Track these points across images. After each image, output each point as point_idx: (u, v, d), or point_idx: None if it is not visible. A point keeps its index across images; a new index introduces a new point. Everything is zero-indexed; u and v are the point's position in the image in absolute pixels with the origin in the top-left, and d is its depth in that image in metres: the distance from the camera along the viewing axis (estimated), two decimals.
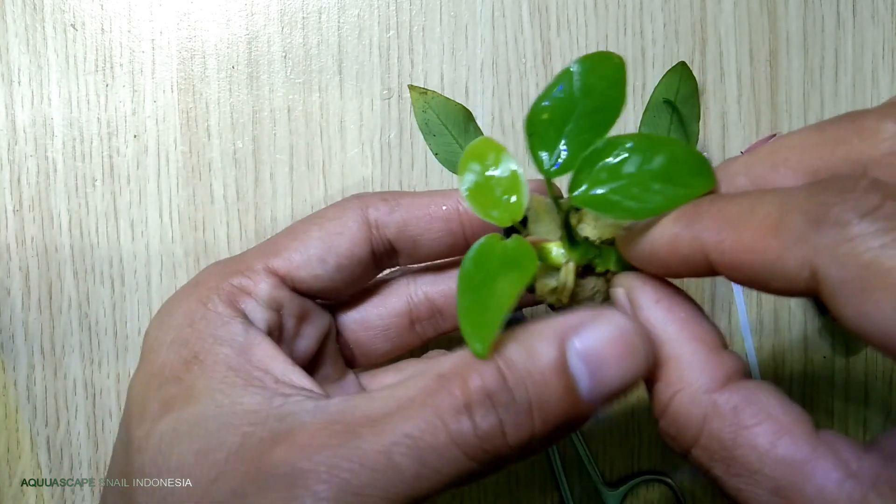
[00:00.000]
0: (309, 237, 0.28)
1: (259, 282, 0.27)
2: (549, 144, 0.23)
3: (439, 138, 0.38)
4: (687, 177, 0.22)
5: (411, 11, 0.40)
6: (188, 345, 0.26)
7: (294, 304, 0.28)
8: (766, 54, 0.41)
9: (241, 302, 0.27)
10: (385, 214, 0.29)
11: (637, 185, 0.22)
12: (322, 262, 0.28)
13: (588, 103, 0.23)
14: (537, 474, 0.41)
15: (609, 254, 0.25)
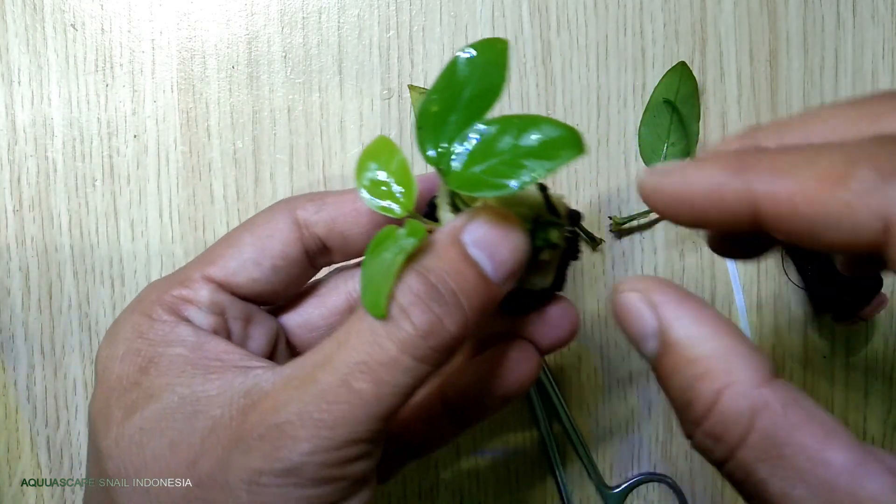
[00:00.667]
0: (242, 243, 0.29)
1: (198, 290, 0.28)
2: (436, 136, 0.25)
3: None
4: (557, 150, 0.23)
5: (411, 11, 0.40)
6: (141, 353, 0.27)
7: (236, 308, 0.29)
8: (766, 54, 0.41)
9: (184, 310, 0.28)
10: (313, 213, 0.29)
11: (507, 164, 0.24)
12: (257, 265, 0.29)
13: (472, 90, 0.25)
14: (537, 474, 0.41)
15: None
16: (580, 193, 0.41)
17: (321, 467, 0.23)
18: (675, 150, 0.40)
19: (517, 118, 0.24)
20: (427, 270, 0.24)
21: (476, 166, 0.24)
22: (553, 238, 0.26)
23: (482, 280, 0.25)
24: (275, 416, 0.24)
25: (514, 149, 0.24)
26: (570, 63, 0.40)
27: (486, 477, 0.41)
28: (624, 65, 0.41)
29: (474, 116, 0.25)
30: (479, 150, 0.24)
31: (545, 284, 0.28)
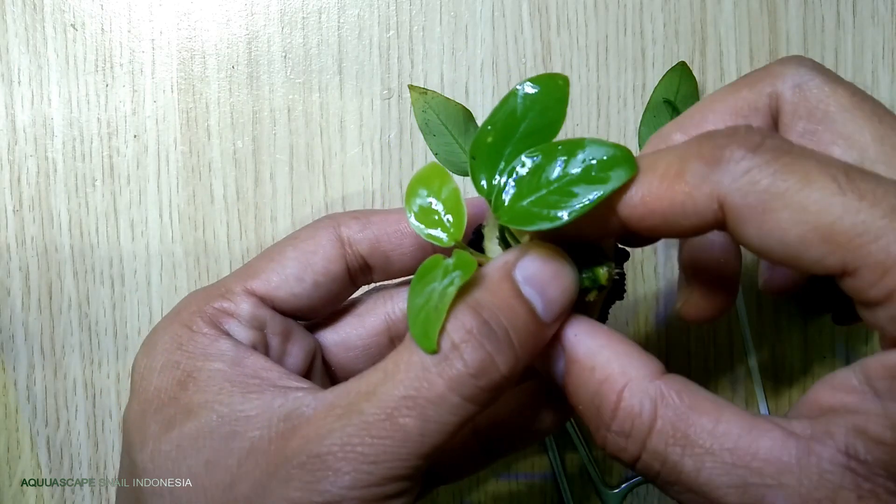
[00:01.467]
0: (285, 257, 0.29)
1: (240, 303, 0.28)
2: (490, 167, 0.25)
3: (439, 138, 0.38)
4: (606, 171, 0.23)
5: (411, 11, 0.40)
6: (179, 366, 0.26)
7: (276, 323, 0.29)
8: (766, 54, 0.41)
9: (225, 323, 0.28)
10: (357, 232, 0.30)
11: (556, 193, 0.23)
12: (299, 280, 0.29)
13: (530, 124, 0.25)
14: (537, 474, 0.41)
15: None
16: None
17: (360, 502, 0.23)
18: None
19: (563, 143, 0.24)
20: (480, 306, 0.24)
21: (525, 199, 0.24)
22: (601, 278, 0.26)
23: (533, 318, 0.24)
24: (317, 445, 0.23)
25: (562, 177, 0.23)
26: (570, 63, 0.40)
27: (485, 477, 0.41)
28: (624, 65, 0.41)
29: (523, 143, 0.24)
30: (528, 181, 0.24)
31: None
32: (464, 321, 0.23)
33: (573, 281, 0.25)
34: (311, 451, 0.23)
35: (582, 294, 0.26)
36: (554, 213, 0.23)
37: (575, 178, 0.23)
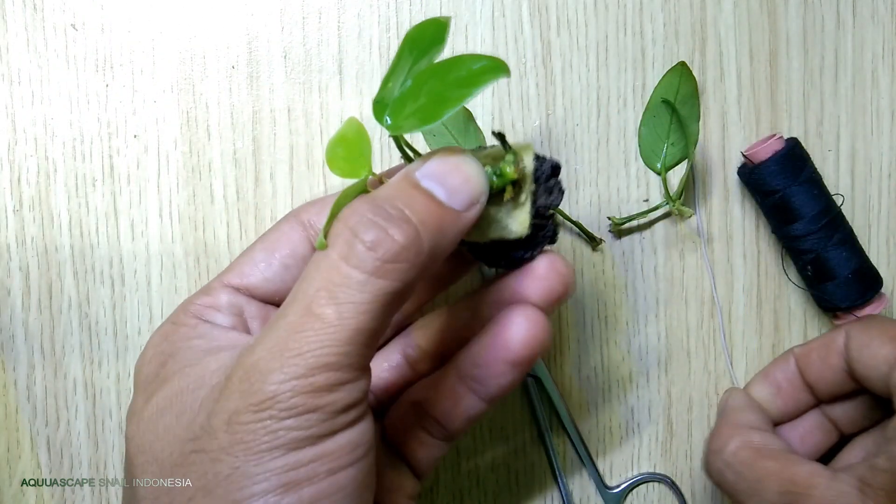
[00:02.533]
0: (253, 250, 0.32)
1: (218, 296, 0.31)
2: (382, 100, 0.27)
3: (439, 138, 0.39)
4: (480, 76, 0.25)
5: (411, 11, 0.40)
6: (163, 353, 0.29)
7: (254, 308, 0.31)
8: (766, 54, 0.41)
9: (206, 315, 0.30)
10: (315, 213, 0.32)
11: (435, 99, 0.25)
12: (268, 265, 0.31)
13: (415, 55, 0.27)
14: (537, 474, 0.41)
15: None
16: (580, 193, 0.41)
17: (294, 395, 0.24)
18: (674, 151, 0.40)
19: (445, 61, 0.26)
20: (376, 197, 0.26)
21: (408, 109, 0.26)
22: (507, 173, 0.27)
23: (435, 203, 0.26)
24: (250, 356, 0.25)
25: (441, 86, 0.26)
26: (570, 63, 0.40)
27: (486, 477, 0.41)
28: (624, 65, 0.41)
29: (413, 72, 0.26)
30: (411, 93, 0.26)
31: (521, 231, 0.28)
32: (358, 209, 0.26)
33: (476, 170, 0.26)
34: (246, 364, 0.25)
35: (499, 195, 0.28)
36: (432, 113, 0.25)
37: (451, 83, 0.25)
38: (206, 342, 0.29)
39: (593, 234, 0.40)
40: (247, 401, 0.24)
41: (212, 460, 0.24)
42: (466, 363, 0.31)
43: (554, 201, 0.29)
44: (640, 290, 0.41)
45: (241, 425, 0.24)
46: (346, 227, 0.25)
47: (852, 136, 0.41)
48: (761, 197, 0.39)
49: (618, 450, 0.41)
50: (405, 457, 0.32)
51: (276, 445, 0.24)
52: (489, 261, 0.30)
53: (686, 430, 0.41)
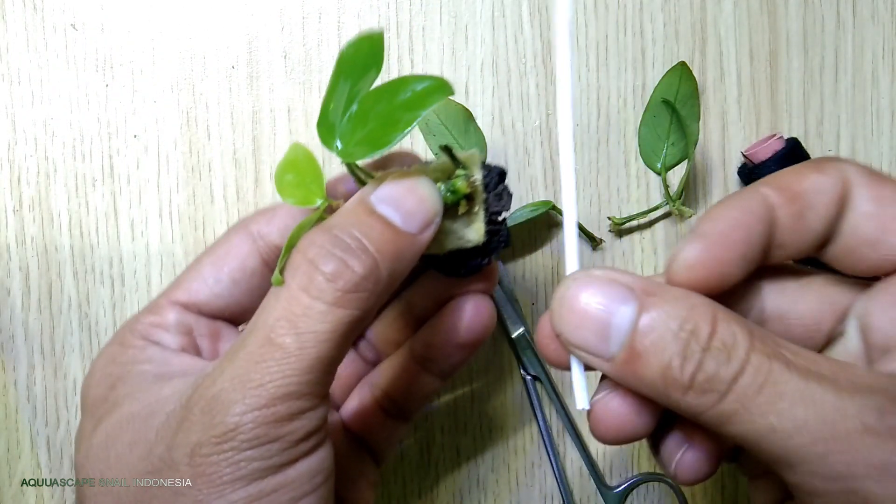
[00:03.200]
0: (201, 265, 0.31)
1: (166, 314, 0.30)
2: (327, 125, 0.27)
3: (439, 138, 0.39)
4: (426, 98, 0.25)
5: (411, 11, 0.40)
6: (112, 375, 0.28)
7: (203, 325, 0.30)
8: (766, 54, 0.41)
9: (154, 335, 0.30)
10: (265, 225, 0.31)
11: (383, 124, 0.26)
12: (217, 281, 0.30)
13: (354, 78, 0.27)
14: (537, 475, 0.41)
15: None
16: (580, 193, 0.41)
17: (256, 426, 0.24)
18: (674, 151, 0.40)
19: (388, 84, 0.26)
20: (331, 226, 0.26)
21: (357, 134, 0.26)
22: (459, 187, 0.28)
23: (391, 229, 0.26)
24: (211, 388, 0.25)
25: (388, 109, 0.26)
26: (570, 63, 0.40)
27: (486, 477, 0.41)
28: (624, 65, 0.41)
29: (356, 97, 0.27)
30: (359, 118, 0.26)
31: (478, 239, 0.29)
32: (315, 240, 0.26)
33: (429, 191, 0.27)
34: (206, 396, 0.24)
35: (454, 209, 0.29)
36: (382, 138, 0.25)
37: (398, 106, 0.25)
38: (156, 367, 0.28)
39: (593, 234, 0.40)
40: (209, 433, 0.24)
41: (174, 494, 0.24)
42: (419, 345, 0.33)
43: (504, 206, 0.30)
44: None
45: (203, 457, 0.24)
46: (305, 259, 0.25)
47: (852, 136, 0.41)
48: None
49: (618, 450, 0.41)
50: (367, 441, 0.34)
51: (238, 477, 0.24)
52: (446, 271, 0.31)
53: None
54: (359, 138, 0.26)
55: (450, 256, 0.30)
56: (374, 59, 0.26)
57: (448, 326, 0.32)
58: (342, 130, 0.27)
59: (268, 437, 0.24)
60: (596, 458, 0.41)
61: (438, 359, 0.33)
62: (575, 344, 0.25)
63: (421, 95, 0.25)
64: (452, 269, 0.31)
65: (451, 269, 0.31)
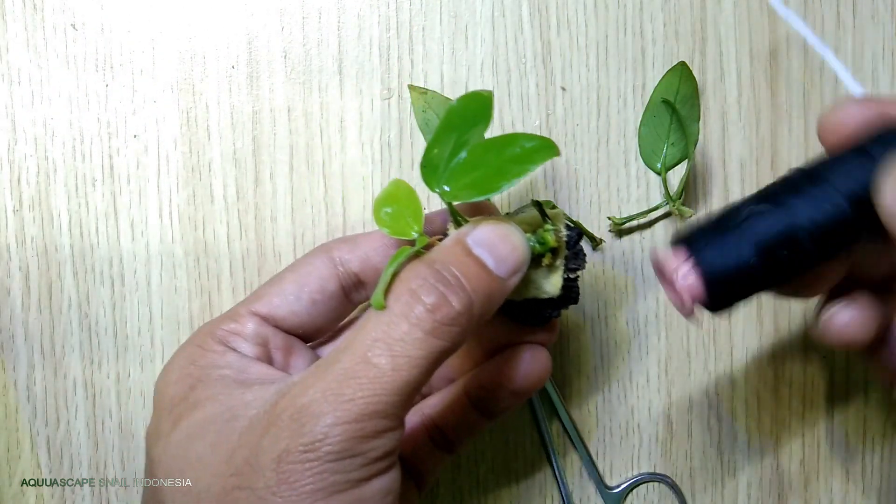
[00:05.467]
0: (283, 281, 0.32)
1: (245, 323, 0.31)
2: (434, 168, 0.29)
3: None
4: (534, 155, 0.28)
5: (411, 11, 0.40)
6: (192, 376, 0.30)
7: (279, 339, 0.32)
8: (766, 54, 0.41)
9: (232, 341, 0.31)
10: (346, 252, 0.33)
11: (492, 172, 0.28)
12: (297, 299, 0.32)
13: (462, 129, 0.29)
14: (537, 474, 0.41)
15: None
16: (580, 193, 0.41)
17: (343, 440, 0.25)
18: (674, 151, 0.40)
19: (499, 138, 0.29)
20: (432, 261, 0.28)
21: (465, 179, 0.28)
22: (548, 240, 0.30)
23: (485, 271, 0.28)
24: (301, 398, 0.25)
25: (497, 160, 0.28)
26: (570, 63, 0.40)
27: (485, 477, 0.41)
28: (624, 65, 0.41)
29: (464, 145, 0.29)
30: (469, 165, 0.29)
31: (554, 292, 0.31)
32: (418, 272, 0.27)
33: (521, 240, 0.29)
34: (296, 405, 0.25)
35: (538, 259, 0.30)
36: (490, 185, 0.28)
37: (507, 159, 0.28)
38: (235, 372, 0.29)
39: (593, 234, 0.40)
40: (297, 441, 0.25)
41: (258, 498, 0.25)
42: (474, 385, 0.34)
43: (580, 265, 0.32)
44: (640, 290, 0.41)
45: (289, 465, 0.25)
46: (408, 288, 0.27)
47: None
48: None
49: (618, 450, 0.41)
50: (412, 467, 0.35)
51: (319, 487, 0.25)
52: (518, 318, 0.32)
53: (686, 430, 0.41)
54: (466, 182, 0.28)
55: (524, 304, 0.32)
56: (483, 115, 0.29)
57: (505, 372, 0.33)
58: (450, 174, 0.29)
59: (352, 451, 0.25)
60: (596, 458, 0.41)
61: (489, 400, 0.34)
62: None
63: (529, 153, 0.28)
64: (523, 316, 0.32)
65: (522, 316, 0.32)
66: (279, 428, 0.25)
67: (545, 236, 0.30)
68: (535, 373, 0.33)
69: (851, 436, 0.41)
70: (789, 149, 0.41)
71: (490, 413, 0.34)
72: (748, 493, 0.41)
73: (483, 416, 0.34)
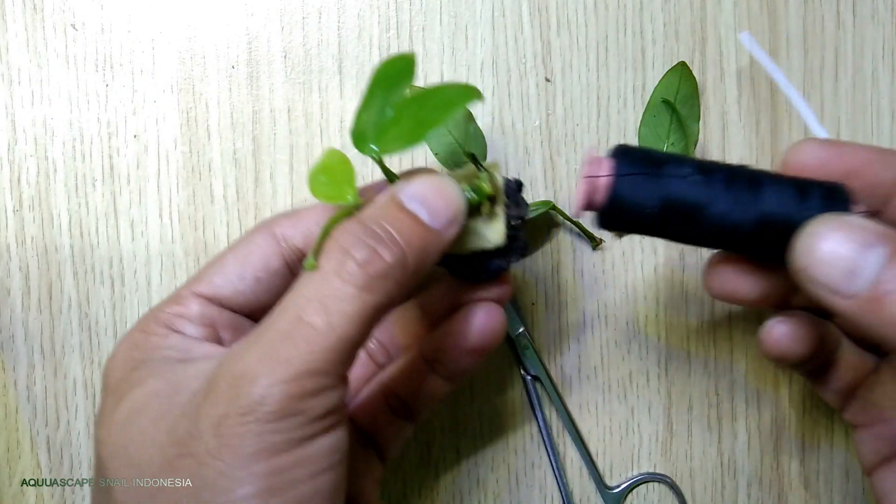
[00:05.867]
0: (225, 260, 0.32)
1: (189, 305, 0.31)
2: (362, 128, 0.29)
3: (439, 138, 0.38)
4: (455, 100, 0.28)
5: (411, 11, 0.40)
6: (134, 359, 0.29)
7: (226, 319, 0.31)
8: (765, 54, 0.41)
9: (177, 324, 0.30)
10: (289, 228, 0.32)
11: (415, 123, 0.28)
12: (240, 278, 0.31)
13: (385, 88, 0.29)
14: (537, 475, 0.41)
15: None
16: None
17: (281, 399, 0.25)
18: (675, 150, 0.40)
19: (422, 91, 0.29)
20: (364, 218, 0.28)
21: (391, 134, 0.28)
22: (484, 188, 0.30)
23: (418, 224, 0.28)
24: (238, 363, 0.25)
25: (421, 111, 0.28)
26: (570, 63, 0.40)
27: (485, 477, 0.41)
28: (624, 65, 0.41)
29: (388, 103, 0.29)
30: (394, 122, 0.29)
31: (498, 240, 0.31)
32: (349, 229, 0.27)
33: (455, 191, 0.29)
34: (233, 371, 0.25)
35: (477, 209, 0.31)
36: (414, 134, 0.28)
37: (429, 108, 0.28)
38: (179, 353, 0.29)
39: (593, 234, 0.40)
40: (234, 404, 0.25)
41: (199, 464, 0.25)
42: (430, 348, 0.34)
43: (522, 213, 0.32)
44: (639, 290, 0.41)
45: (228, 429, 0.25)
46: (339, 246, 0.27)
47: (852, 136, 0.41)
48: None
49: (618, 450, 0.41)
50: (374, 439, 0.35)
51: (261, 448, 0.24)
52: (468, 275, 0.33)
53: (686, 430, 0.41)
54: (392, 137, 0.28)
55: (471, 259, 0.32)
56: (406, 73, 0.29)
57: (459, 331, 0.33)
58: (377, 132, 0.29)
59: (291, 410, 0.25)
60: (596, 458, 0.41)
61: (447, 362, 0.34)
62: (817, 279, 0.26)
63: (451, 98, 0.28)
64: (473, 272, 0.32)
65: (472, 272, 0.32)
66: (217, 395, 0.25)
67: (480, 185, 0.30)
68: (489, 329, 0.33)
69: (852, 436, 0.41)
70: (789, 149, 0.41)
71: (449, 376, 0.34)
72: (748, 493, 0.41)
73: (443, 380, 0.34)
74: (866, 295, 0.26)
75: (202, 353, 0.29)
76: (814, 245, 0.26)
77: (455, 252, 0.31)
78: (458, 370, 0.34)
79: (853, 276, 0.26)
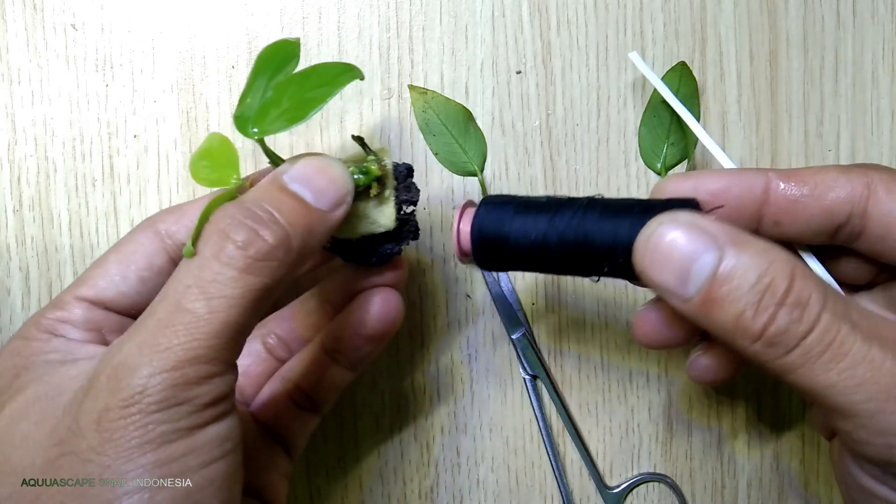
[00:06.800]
0: (107, 262, 0.31)
1: (72, 310, 0.30)
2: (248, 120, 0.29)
3: (439, 138, 0.39)
4: (335, 79, 0.28)
5: (411, 11, 0.40)
6: (16, 366, 0.28)
7: (112, 321, 0.30)
8: (766, 54, 0.41)
9: (60, 329, 0.29)
10: (173, 223, 0.31)
11: (297, 104, 0.28)
12: (124, 279, 0.31)
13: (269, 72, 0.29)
14: (537, 475, 0.41)
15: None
16: (580, 193, 0.41)
17: (163, 389, 0.24)
18: (674, 150, 0.40)
19: (301, 71, 0.28)
20: (244, 200, 0.27)
21: (272, 115, 0.28)
22: (371, 169, 0.30)
23: (302, 205, 0.27)
24: (117, 356, 0.25)
25: (302, 91, 0.28)
26: (570, 63, 0.40)
27: (485, 477, 0.41)
28: (624, 65, 0.41)
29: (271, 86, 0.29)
30: (274, 103, 0.28)
31: (388, 223, 0.31)
32: (227, 212, 0.26)
33: (340, 171, 0.28)
34: (113, 363, 0.25)
35: (365, 193, 0.30)
36: (298, 114, 0.27)
37: (311, 88, 0.28)
38: (62, 355, 0.28)
39: None
40: (115, 397, 0.24)
41: (82, 461, 0.24)
42: (329, 338, 0.34)
43: (413, 197, 0.32)
44: (639, 290, 0.41)
45: (110, 422, 0.24)
46: (217, 229, 0.26)
47: (852, 136, 0.41)
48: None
49: (618, 450, 0.41)
50: (278, 433, 0.35)
51: (146, 440, 0.24)
52: (361, 259, 0.33)
53: (686, 430, 0.41)
54: (273, 117, 0.28)
55: (363, 243, 0.32)
56: (292, 55, 0.29)
57: (356, 319, 0.33)
58: (256, 114, 0.28)
59: (176, 399, 0.24)
60: (596, 458, 0.41)
61: (347, 350, 0.34)
62: (656, 282, 0.26)
63: (332, 78, 0.28)
64: (365, 256, 0.32)
65: (365, 257, 0.32)
66: (97, 389, 0.24)
67: (368, 166, 0.30)
68: (386, 315, 0.33)
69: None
70: (789, 149, 0.41)
71: (351, 364, 0.34)
72: (748, 493, 0.41)
73: (345, 369, 0.34)
74: (699, 300, 0.25)
75: (85, 353, 0.28)
76: (648, 249, 0.26)
77: (347, 237, 0.31)
78: (358, 358, 0.34)
79: (686, 280, 0.25)
